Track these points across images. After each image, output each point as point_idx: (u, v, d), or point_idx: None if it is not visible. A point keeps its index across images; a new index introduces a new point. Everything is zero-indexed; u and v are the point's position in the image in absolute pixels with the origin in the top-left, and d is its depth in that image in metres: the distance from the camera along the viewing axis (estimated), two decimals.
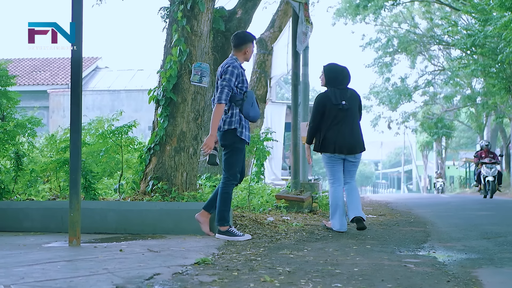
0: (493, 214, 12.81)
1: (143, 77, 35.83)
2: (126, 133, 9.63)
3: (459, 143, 70.26)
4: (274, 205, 10.79)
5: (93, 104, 33.79)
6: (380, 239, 7.39)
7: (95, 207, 7.69)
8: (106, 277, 4.15)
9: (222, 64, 7.42)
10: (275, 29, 17.97)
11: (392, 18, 42.06)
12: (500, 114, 37.43)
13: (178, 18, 9.19)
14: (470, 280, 4.48)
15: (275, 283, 4.11)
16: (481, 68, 32.30)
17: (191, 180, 9.25)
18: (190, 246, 6.09)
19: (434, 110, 50.61)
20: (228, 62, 7.34)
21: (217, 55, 13.80)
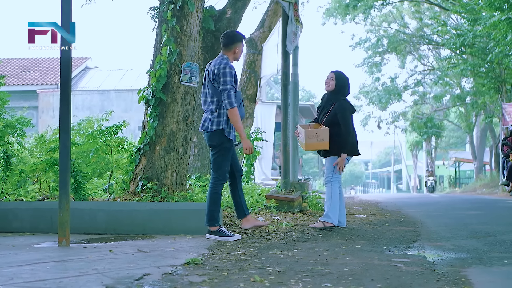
0: (483, 214, 12.85)
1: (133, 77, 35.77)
2: (116, 133, 9.61)
3: (449, 143, 70.47)
4: (264, 205, 10.78)
5: (83, 104, 33.70)
6: (370, 239, 7.41)
7: (85, 207, 7.67)
8: (95, 278, 4.14)
9: (214, 63, 7.43)
10: (265, 29, 17.96)
11: (382, 18, 42.15)
12: (489, 113, 37.55)
13: (168, 18, 9.17)
14: (459, 280, 4.49)
15: (265, 283, 4.11)
16: (470, 68, 32.41)
17: (181, 180, 9.24)
18: (180, 246, 6.08)
19: (424, 110, 50.75)
20: (222, 62, 7.34)
21: (206, 55, 13.78)
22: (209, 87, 7.37)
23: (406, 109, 48.54)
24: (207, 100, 7.40)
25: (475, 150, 48.24)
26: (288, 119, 12.17)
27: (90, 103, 33.95)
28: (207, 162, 13.59)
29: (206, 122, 7.33)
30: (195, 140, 13.25)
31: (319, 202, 12.38)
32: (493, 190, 34.96)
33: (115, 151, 10.08)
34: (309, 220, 9.65)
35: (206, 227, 7.16)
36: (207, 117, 7.35)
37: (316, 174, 67.68)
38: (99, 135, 9.69)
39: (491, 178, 40.72)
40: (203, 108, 7.50)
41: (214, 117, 7.29)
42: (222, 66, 7.29)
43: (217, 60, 7.44)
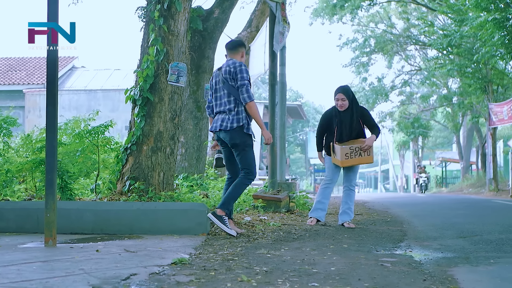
0: (469, 213, 12.90)
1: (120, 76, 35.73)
2: (103, 133, 9.59)
3: (436, 143, 70.73)
4: (251, 204, 10.79)
5: (70, 104, 33.62)
6: (357, 239, 7.42)
7: (71, 207, 7.64)
8: (82, 278, 4.13)
9: (226, 65, 7.67)
10: (252, 29, 17.97)
11: (369, 18, 42.26)
12: (476, 113, 37.70)
13: (155, 17, 9.16)
14: (446, 279, 4.50)
15: (252, 283, 4.11)
16: (457, 68, 32.52)
17: (168, 180, 9.23)
18: (167, 246, 6.07)
19: (411, 110, 50.91)
20: (235, 62, 7.64)
21: (194, 54, 13.78)
22: (225, 88, 7.62)
23: (393, 109, 48.69)
24: (222, 102, 7.65)
25: (461, 150, 48.44)
26: (275, 119, 12.19)
27: (77, 102, 33.88)
28: (194, 162, 13.59)
29: (224, 122, 7.55)
30: (182, 140, 13.25)
31: (306, 202, 12.41)
32: (479, 190, 35.13)
33: (102, 151, 10.06)
34: (296, 220, 9.67)
35: (195, 227, 7.16)
36: (224, 117, 7.58)
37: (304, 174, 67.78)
38: (86, 135, 9.67)
39: (478, 178, 40.92)
40: (216, 110, 7.73)
41: (233, 115, 7.55)
42: (237, 64, 7.60)
43: (229, 62, 7.70)
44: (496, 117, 29.55)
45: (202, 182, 12.87)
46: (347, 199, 9.24)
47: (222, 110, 7.64)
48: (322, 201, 9.25)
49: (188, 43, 11.20)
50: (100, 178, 9.72)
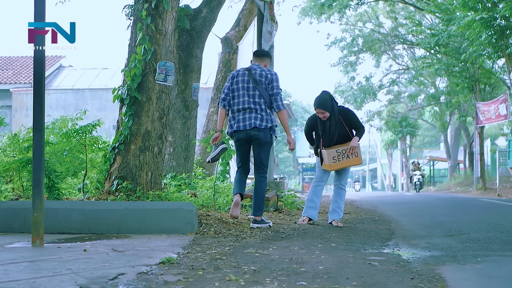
0: (457, 212, 12.94)
1: (107, 76, 35.67)
2: (90, 132, 9.56)
3: (423, 142, 71.00)
4: None
5: (57, 103, 33.52)
6: (345, 237, 7.43)
7: (59, 207, 7.60)
8: (69, 278, 4.11)
9: (261, 69, 8.37)
10: (240, 28, 17.98)
11: (357, 18, 42.33)
12: (463, 112, 37.86)
13: (143, 16, 9.13)
14: (433, 277, 4.51)
15: (240, 282, 4.11)
16: (444, 67, 32.64)
17: (156, 180, 9.21)
18: (155, 246, 6.05)
19: (399, 109, 51.02)
20: (270, 70, 8.41)
21: (182, 53, 13.77)
22: (258, 89, 8.22)
23: (381, 108, 48.82)
24: (251, 100, 8.22)
25: (449, 149, 48.63)
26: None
27: (64, 102, 33.78)
28: (182, 161, 13.59)
29: (257, 120, 8.17)
30: (170, 139, 13.24)
31: (295, 201, 12.42)
32: (467, 188, 35.26)
33: (89, 150, 10.03)
34: (284, 219, 9.67)
35: (183, 226, 7.17)
36: (257, 116, 8.20)
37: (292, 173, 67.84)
38: (73, 134, 9.64)
39: (465, 177, 41.09)
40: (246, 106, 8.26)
41: (265, 115, 8.23)
42: (274, 73, 8.35)
43: (262, 67, 8.43)
44: (484, 116, 29.66)
45: (190, 181, 12.86)
46: (337, 197, 9.28)
47: (252, 108, 8.21)
48: (314, 200, 9.27)
49: (176, 42, 11.20)
50: (88, 177, 9.69)
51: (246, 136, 8.23)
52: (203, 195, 11.12)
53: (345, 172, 9.41)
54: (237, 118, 8.30)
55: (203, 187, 12.54)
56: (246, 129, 8.19)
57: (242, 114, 8.25)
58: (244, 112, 8.24)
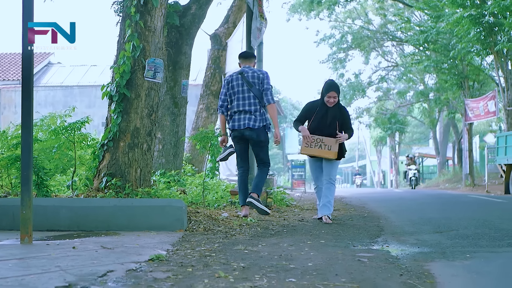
0: (446, 208, 12.99)
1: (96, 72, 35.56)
2: (79, 129, 9.52)
3: (412, 138, 71.13)
4: (228, 200, 10.78)
5: (46, 100, 33.41)
6: (334, 234, 7.44)
7: (48, 204, 7.58)
8: (58, 275, 4.10)
9: (253, 71, 8.90)
10: (229, 25, 17.97)
11: (346, 14, 42.39)
12: (452, 109, 37.95)
13: (131, 13, 9.11)
14: (422, 274, 4.52)
15: (230, 279, 4.10)
16: (433, 64, 32.72)
17: (145, 176, 9.20)
18: (144, 243, 6.05)
19: (388, 106, 51.16)
20: (262, 70, 9.29)
21: (171, 50, 13.74)
22: (252, 91, 8.76)
23: (370, 105, 48.91)
24: (246, 103, 8.76)
25: (438, 145, 48.77)
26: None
27: (53, 99, 33.68)
28: (171, 158, 13.57)
29: (251, 121, 8.72)
30: (159, 136, 13.22)
31: (284, 198, 12.42)
32: (455, 185, 35.37)
33: (78, 147, 9.99)
34: (274, 216, 9.67)
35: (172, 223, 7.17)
36: (251, 117, 8.74)
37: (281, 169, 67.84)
38: (62, 131, 9.60)
39: (454, 173, 41.21)
40: (241, 109, 8.77)
41: (259, 115, 8.78)
42: (264, 72, 8.97)
43: (253, 69, 9.00)
44: (472, 113, 29.75)
45: (180, 178, 12.84)
46: (327, 192, 9.29)
47: (247, 110, 8.74)
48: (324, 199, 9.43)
49: (165, 39, 11.18)
50: (77, 174, 9.66)
51: (240, 134, 8.81)
52: (192, 192, 11.11)
53: (333, 167, 9.40)
54: (234, 118, 8.84)
55: (192, 184, 12.53)
56: (240, 129, 8.75)
57: (238, 115, 8.79)
58: (240, 113, 8.78)
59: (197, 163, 16.78)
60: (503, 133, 25.23)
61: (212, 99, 17.64)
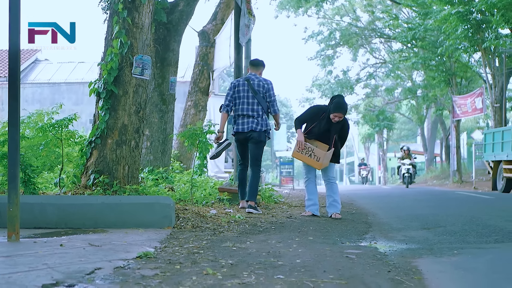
0: (433, 205, 13.03)
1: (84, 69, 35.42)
2: (67, 126, 9.49)
3: (400, 135, 71.31)
4: (217, 197, 10.78)
5: (33, 97, 33.26)
6: (323, 231, 7.44)
7: (35, 201, 7.54)
8: (46, 272, 4.08)
9: (259, 79, 9.81)
10: (217, 22, 17.95)
11: (334, 11, 42.42)
12: (440, 106, 38.10)
13: (119, 9, 9.08)
14: (410, 270, 4.53)
15: (218, 276, 4.10)
16: (421, 61, 32.82)
17: (133, 174, 9.17)
18: (132, 240, 6.03)
19: (376, 103, 51.25)
20: (266, 80, 9.84)
21: (159, 47, 13.71)
22: (257, 98, 9.69)
23: (358, 102, 48.99)
24: (251, 108, 9.68)
25: (426, 142, 48.93)
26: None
27: (40, 96, 33.53)
28: (159, 155, 13.55)
29: (254, 124, 9.63)
30: (147, 133, 13.19)
31: (272, 195, 12.42)
32: (443, 181, 35.49)
33: (65, 144, 9.96)
34: (262, 213, 9.66)
35: (160, 220, 7.16)
36: (254, 120, 9.66)
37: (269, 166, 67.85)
38: (49, 128, 9.56)
39: (442, 170, 41.36)
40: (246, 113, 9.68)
41: (262, 120, 9.69)
42: (269, 82, 9.84)
43: (259, 78, 9.89)
44: (460, 110, 29.86)
45: (168, 175, 12.83)
46: (331, 192, 9.62)
47: (250, 115, 9.67)
48: (310, 198, 9.71)
49: (153, 35, 11.13)
50: (64, 172, 9.62)
51: (244, 137, 9.73)
52: (180, 189, 11.10)
53: (330, 169, 9.72)
54: (238, 121, 9.78)
55: (181, 181, 12.52)
56: (244, 132, 9.67)
57: (242, 118, 9.71)
58: (243, 117, 9.70)
59: (185, 160, 16.77)
60: (490, 130, 25.32)
61: (200, 96, 17.62)
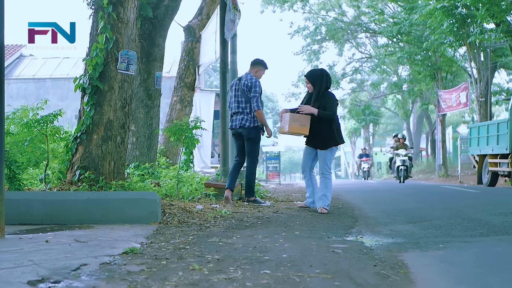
0: (419, 199, 13.08)
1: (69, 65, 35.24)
2: (52, 122, 9.45)
3: (386, 130, 71.52)
4: (203, 193, 10.77)
5: (18, 93, 33.07)
6: (309, 225, 7.45)
7: (20, 197, 7.51)
8: (31, 269, 4.06)
9: (247, 78, 10.30)
10: (203, 17, 17.91)
11: (320, 6, 42.48)
12: (425, 100, 38.24)
13: (104, 5, 9.03)
14: (396, 264, 4.55)
15: (204, 271, 4.10)
16: (407, 56, 32.93)
17: (119, 169, 9.15)
18: (118, 236, 6.01)
19: (362, 97, 51.38)
20: (252, 78, 10.32)
21: (144, 42, 13.67)
22: (243, 96, 10.26)
23: (344, 97, 49.07)
24: (240, 106, 10.27)
25: (411, 136, 49.06)
26: (226, 107, 12.17)
27: (25, 91, 33.33)
28: (145, 150, 13.52)
29: (243, 121, 10.19)
30: (133, 128, 13.15)
31: (258, 190, 12.42)
32: (429, 175, 35.63)
33: (51, 140, 9.92)
34: (248, 208, 9.67)
35: (146, 216, 7.14)
36: (243, 117, 10.21)
37: None
38: (34, 124, 9.52)
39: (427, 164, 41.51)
40: (235, 110, 10.31)
41: (250, 117, 10.19)
42: (254, 80, 10.30)
43: (247, 76, 10.38)
44: (445, 104, 29.97)
45: (154, 171, 12.80)
46: (322, 186, 9.66)
47: (240, 112, 10.25)
48: (307, 190, 10.07)
49: (138, 31, 11.10)
50: (50, 168, 9.58)
51: (235, 132, 10.40)
52: (166, 185, 11.07)
53: (324, 160, 9.69)
54: (231, 119, 10.50)
55: (167, 176, 12.49)
56: (234, 128, 10.36)
57: (234, 116, 10.39)
58: (234, 115, 10.38)
59: (171, 156, 16.73)
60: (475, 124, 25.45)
61: (186, 91, 17.59)
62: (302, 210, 9.69)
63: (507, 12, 23.53)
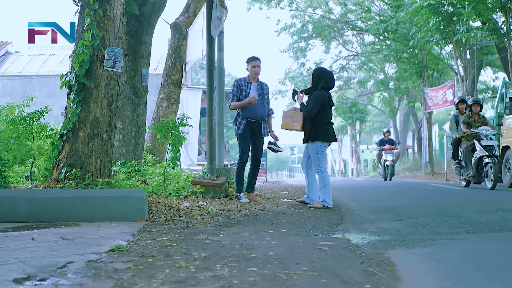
0: (406, 197, 13.12)
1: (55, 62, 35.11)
2: (38, 119, 9.41)
3: (373, 127, 71.71)
4: (190, 190, 10.76)
5: (3, 90, 32.93)
6: (296, 223, 7.46)
7: (6, 195, 7.48)
8: (17, 267, 4.05)
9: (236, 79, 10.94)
10: (190, 14, 17.88)
11: (307, 3, 42.51)
12: (412, 98, 38.35)
13: (90, 2, 9.00)
14: (382, 261, 4.56)
15: (191, 269, 4.09)
16: (393, 53, 33.00)
17: (106, 167, 9.12)
18: (105, 233, 6.00)
19: (348, 95, 51.47)
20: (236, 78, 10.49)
21: (131, 39, 13.63)
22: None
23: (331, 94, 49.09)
24: None
25: (398, 134, 49.18)
26: (213, 104, 12.17)
27: (11, 88, 33.18)
28: (132, 148, 13.50)
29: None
30: (119, 126, 13.13)
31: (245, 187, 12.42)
32: (415, 173, 35.74)
33: (37, 137, 9.88)
34: (235, 205, 9.67)
35: (133, 213, 7.14)
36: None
37: None
38: (20, 121, 9.48)
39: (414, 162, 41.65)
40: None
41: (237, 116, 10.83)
42: (235, 80, 10.82)
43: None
44: (432, 102, 30.05)
45: (140, 168, 12.79)
46: (319, 182, 10.00)
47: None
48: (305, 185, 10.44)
49: (125, 28, 11.06)
50: (36, 165, 9.55)
51: None
52: (153, 182, 11.06)
53: (313, 156, 9.94)
54: None
55: (153, 174, 12.48)
56: None
57: None
58: None
59: (158, 153, 16.71)
60: None
61: (172, 89, 17.56)
62: (289, 208, 9.70)
63: (493, 10, 23.61)
